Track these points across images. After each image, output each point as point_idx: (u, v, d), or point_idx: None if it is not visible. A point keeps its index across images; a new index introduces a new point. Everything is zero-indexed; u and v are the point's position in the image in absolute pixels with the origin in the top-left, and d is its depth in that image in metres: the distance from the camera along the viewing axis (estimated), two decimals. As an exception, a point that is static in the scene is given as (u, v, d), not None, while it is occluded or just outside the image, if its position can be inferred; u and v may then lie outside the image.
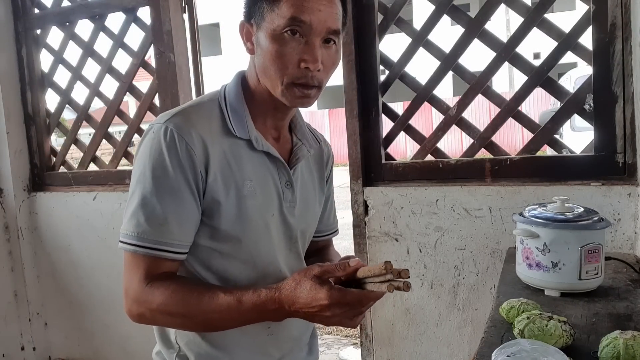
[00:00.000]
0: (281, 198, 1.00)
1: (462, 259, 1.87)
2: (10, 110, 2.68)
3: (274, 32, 0.89)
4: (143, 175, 0.88)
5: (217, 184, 0.91)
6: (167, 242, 0.88)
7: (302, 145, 1.06)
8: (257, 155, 0.97)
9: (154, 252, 0.88)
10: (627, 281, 1.30)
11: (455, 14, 1.86)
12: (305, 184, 1.07)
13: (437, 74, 1.92)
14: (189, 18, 2.35)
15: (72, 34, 2.59)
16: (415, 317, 1.96)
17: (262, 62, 0.92)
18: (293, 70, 0.90)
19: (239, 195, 0.93)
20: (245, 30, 0.95)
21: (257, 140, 0.96)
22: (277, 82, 0.91)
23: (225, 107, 0.96)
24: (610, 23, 1.62)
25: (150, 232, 0.87)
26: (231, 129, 0.94)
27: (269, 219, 0.98)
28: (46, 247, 2.75)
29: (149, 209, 0.87)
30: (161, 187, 0.87)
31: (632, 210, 1.61)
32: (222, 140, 0.93)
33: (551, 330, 0.93)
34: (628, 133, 1.63)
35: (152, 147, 0.89)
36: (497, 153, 1.87)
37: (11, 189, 2.70)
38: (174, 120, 0.90)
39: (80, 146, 2.73)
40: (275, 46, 0.89)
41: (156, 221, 0.87)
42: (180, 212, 0.88)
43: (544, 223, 1.20)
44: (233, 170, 0.93)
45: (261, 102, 0.98)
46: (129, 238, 0.88)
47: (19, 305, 2.78)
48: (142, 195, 0.88)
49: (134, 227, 0.88)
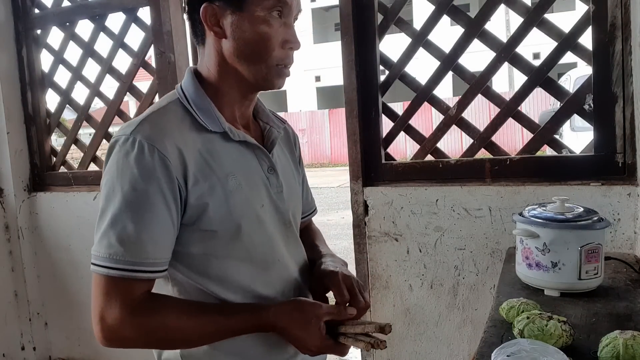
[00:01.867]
0: (267, 186, 0.97)
1: (462, 259, 1.87)
2: (11, 110, 2.68)
3: (261, 13, 0.87)
4: (112, 192, 0.83)
5: (200, 185, 0.86)
6: (142, 262, 0.82)
7: (272, 128, 1.03)
8: (234, 147, 0.93)
9: (129, 274, 0.82)
10: (627, 281, 1.30)
11: (455, 14, 1.86)
12: (284, 166, 1.04)
13: (437, 74, 1.92)
14: (189, 18, 2.35)
15: (72, 34, 2.59)
16: (415, 317, 1.97)
17: (238, 47, 0.89)
18: (279, 52, 0.90)
19: (225, 192, 0.89)
20: (209, 13, 0.89)
21: (231, 131, 0.92)
22: (260, 65, 0.90)
23: (189, 105, 0.92)
24: (610, 23, 1.62)
25: (123, 253, 0.81)
26: (203, 125, 0.90)
27: (259, 210, 0.94)
28: (46, 247, 2.76)
29: (120, 227, 0.81)
30: (132, 204, 0.82)
31: (632, 210, 1.61)
32: (195, 139, 0.89)
33: (551, 330, 0.94)
34: (628, 133, 1.63)
35: (120, 161, 0.83)
36: (497, 153, 1.88)
37: (11, 189, 2.70)
38: (141, 130, 0.84)
39: (81, 146, 2.73)
40: (263, 28, 0.87)
41: (128, 241, 0.81)
42: (154, 229, 0.83)
43: (543, 223, 1.20)
44: (213, 168, 0.89)
45: (228, 91, 0.94)
46: (101, 260, 0.83)
47: (19, 305, 2.78)
48: (112, 213, 0.82)
49: (105, 248, 0.82)
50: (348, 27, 1.98)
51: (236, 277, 0.93)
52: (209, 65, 0.94)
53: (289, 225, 1.02)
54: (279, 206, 0.98)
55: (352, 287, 0.98)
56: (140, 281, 0.84)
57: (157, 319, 0.85)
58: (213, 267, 0.92)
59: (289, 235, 1.02)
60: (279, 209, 0.99)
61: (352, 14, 1.96)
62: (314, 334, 0.88)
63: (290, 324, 0.88)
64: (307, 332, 0.88)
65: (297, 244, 1.06)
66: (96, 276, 0.84)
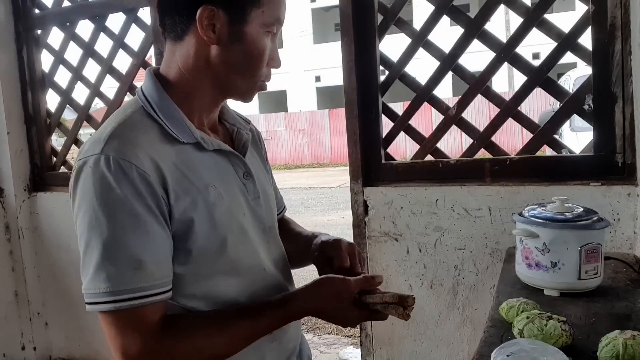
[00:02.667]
0: (245, 193, 0.92)
1: (462, 259, 1.87)
2: (11, 111, 2.68)
3: (261, 28, 0.85)
4: (95, 220, 0.75)
5: (182, 200, 0.81)
6: (149, 285, 0.76)
7: (240, 130, 0.98)
8: (207, 156, 0.87)
9: (140, 302, 0.76)
10: (627, 281, 1.30)
11: (455, 15, 1.86)
12: (257, 170, 0.99)
13: (436, 74, 1.92)
14: (189, 18, 2.35)
15: (72, 34, 2.59)
16: (415, 316, 1.97)
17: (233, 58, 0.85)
18: (265, 70, 0.89)
19: (208, 204, 0.83)
20: (206, 15, 0.82)
21: (204, 140, 0.86)
22: (248, 81, 0.88)
23: (155, 114, 0.84)
24: (609, 23, 1.62)
25: (127, 281, 0.75)
26: (174, 136, 0.83)
27: (242, 219, 0.90)
28: (47, 247, 2.76)
29: (116, 255, 0.75)
30: (123, 227, 0.75)
31: (632, 210, 1.61)
32: (168, 152, 0.82)
33: (550, 330, 0.94)
34: (627, 133, 1.63)
35: (96, 184, 0.75)
36: (496, 153, 1.88)
37: (12, 189, 2.70)
38: (111, 146, 0.77)
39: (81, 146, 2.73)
40: (260, 45, 0.85)
41: (129, 266, 0.75)
42: (153, 248, 0.77)
43: (543, 223, 1.20)
44: (191, 180, 0.83)
45: (200, 97, 0.89)
46: (102, 297, 0.75)
47: (19, 305, 2.78)
48: (102, 243, 0.75)
49: (104, 281, 0.75)
50: (348, 28, 1.98)
51: (222, 293, 0.88)
52: (182, 67, 0.87)
53: (269, 231, 0.98)
54: (257, 213, 0.94)
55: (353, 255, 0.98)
56: (154, 306, 0.78)
57: (186, 341, 0.79)
58: (199, 286, 0.86)
59: (270, 241, 0.98)
60: (258, 216, 0.94)
61: (352, 14, 1.96)
62: (350, 308, 0.87)
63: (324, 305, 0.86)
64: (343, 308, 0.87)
65: (278, 248, 1.02)
66: (104, 315, 0.77)
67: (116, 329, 0.78)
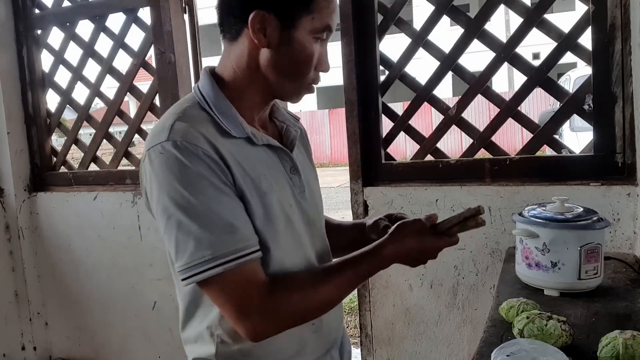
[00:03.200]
0: (292, 186, 0.96)
1: (462, 259, 1.87)
2: (11, 111, 2.68)
3: (309, 34, 0.88)
4: (181, 198, 0.80)
5: (240, 185, 0.86)
6: (246, 245, 0.82)
7: (289, 127, 1.03)
8: (258, 150, 0.92)
9: (246, 259, 0.81)
10: (627, 281, 1.30)
11: (454, 15, 1.87)
12: (304, 165, 1.03)
13: (436, 74, 1.92)
14: (189, 18, 2.36)
15: (72, 34, 2.59)
16: (415, 316, 1.97)
17: (280, 61, 0.89)
18: (312, 74, 0.92)
19: (260, 193, 0.88)
20: (258, 19, 0.86)
21: (255, 135, 0.91)
22: (295, 84, 0.92)
23: (211, 110, 0.90)
24: (609, 23, 1.62)
25: (227, 244, 0.80)
26: (227, 130, 0.89)
27: (289, 210, 0.94)
28: (47, 247, 2.76)
29: (210, 223, 0.80)
30: (209, 197, 0.81)
31: (632, 210, 1.62)
32: (225, 143, 0.87)
33: (550, 330, 0.94)
34: (627, 133, 1.63)
35: (171, 166, 0.81)
36: (496, 153, 1.88)
37: (12, 189, 2.70)
38: (176, 133, 0.83)
39: (81, 146, 2.73)
40: (308, 50, 0.89)
41: (225, 231, 0.81)
42: (238, 213, 0.84)
43: (543, 223, 1.21)
44: (246, 170, 0.88)
45: (252, 96, 0.94)
46: (208, 263, 0.79)
47: (19, 305, 2.78)
48: (194, 216, 0.80)
49: (207, 249, 0.79)
50: (348, 28, 1.98)
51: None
52: (236, 66, 0.92)
53: (313, 225, 1.01)
54: (302, 206, 0.98)
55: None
56: (256, 263, 0.84)
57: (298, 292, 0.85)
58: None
59: (314, 234, 1.01)
60: (303, 209, 0.98)
61: (352, 14, 1.97)
62: (430, 241, 0.92)
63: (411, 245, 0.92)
64: (424, 243, 0.92)
65: (323, 242, 1.05)
66: (213, 283, 0.81)
67: (229, 291, 0.82)
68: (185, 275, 0.81)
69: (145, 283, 2.50)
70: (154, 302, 2.50)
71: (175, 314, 2.45)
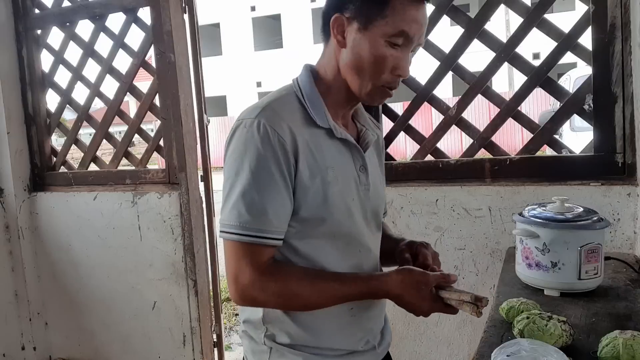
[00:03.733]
0: (357, 182, 1.03)
1: (462, 259, 1.87)
2: (11, 111, 2.68)
3: (381, 37, 0.93)
4: (241, 168, 0.93)
5: (305, 171, 0.95)
6: (267, 229, 0.93)
7: (367, 131, 1.10)
8: (335, 143, 1.00)
9: (257, 240, 0.92)
10: (627, 281, 1.30)
11: (455, 15, 1.86)
12: (373, 167, 1.11)
13: (437, 74, 1.92)
14: (189, 18, 2.36)
15: (72, 34, 2.59)
16: (415, 316, 1.96)
17: (353, 60, 0.96)
18: (387, 77, 0.97)
19: (324, 182, 0.96)
20: (338, 22, 0.97)
21: (335, 128, 1.00)
22: (367, 83, 0.97)
23: (303, 99, 1.00)
24: (609, 23, 1.62)
25: (252, 222, 0.92)
26: (313, 119, 0.98)
27: (350, 203, 1.01)
28: (47, 247, 2.76)
29: (249, 200, 0.92)
30: (259, 180, 0.92)
31: (632, 210, 1.61)
32: (304, 131, 0.97)
33: (551, 330, 0.94)
34: (627, 133, 1.63)
35: (247, 141, 0.93)
36: (496, 153, 1.88)
37: (12, 189, 2.70)
38: (264, 114, 0.94)
39: (81, 146, 2.73)
40: (379, 52, 0.94)
41: (257, 211, 0.92)
42: (276, 202, 0.93)
43: (543, 223, 1.21)
44: (316, 159, 0.97)
45: (336, 93, 1.02)
46: (232, 228, 0.93)
47: (19, 305, 2.78)
48: (242, 187, 0.92)
49: (236, 217, 0.92)
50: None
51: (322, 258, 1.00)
52: (326, 66, 1.03)
53: (370, 222, 1.08)
54: (364, 202, 1.05)
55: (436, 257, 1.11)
56: (267, 247, 0.94)
57: (281, 283, 0.94)
58: (303, 245, 0.99)
59: (372, 231, 1.09)
60: (364, 205, 1.05)
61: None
62: (425, 298, 0.98)
63: (403, 291, 0.97)
64: (419, 297, 0.98)
65: (376, 241, 1.12)
66: (229, 243, 0.94)
67: (235, 257, 0.94)
68: (220, 229, 0.95)
69: (145, 283, 2.50)
70: (154, 302, 2.50)
71: (174, 314, 2.46)
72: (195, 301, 2.40)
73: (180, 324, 2.44)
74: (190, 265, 2.38)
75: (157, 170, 2.46)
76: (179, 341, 2.46)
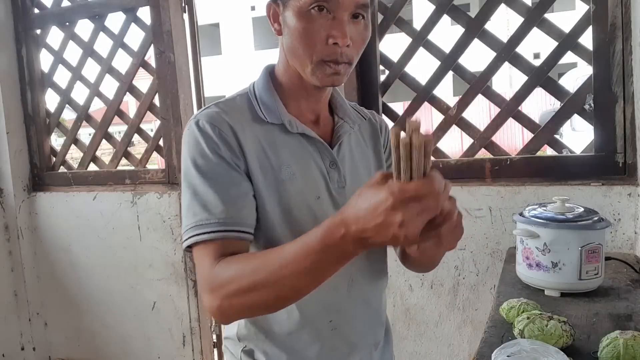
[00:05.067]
0: (327, 179, 0.96)
1: (462, 259, 1.87)
2: (10, 110, 2.68)
3: (300, 9, 0.87)
4: (188, 169, 0.89)
5: (255, 170, 0.90)
6: (227, 222, 0.84)
7: (344, 123, 1.02)
8: (293, 139, 0.94)
9: (220, 234, 0.83)
10: (627, 281, 1.30)
11: (455, 14, 1.86)
12: (356, 162, 1.02)
13: (437, 74, 1.92)
14: (189, 18, 2.35)
15: (72, 34, 2.59)
16: (415, 317, 1.96)
17: (289, 42, 0.90)
18: (322, 48, 0.87)
19: (277, 180, 0.91)
20: (272, 10, 0.93)
21: (290, 123, 0.94)
22: (306, 61, 0.89)
23: (254, 98, 0.97)
24: (610, 23, 1.62)
25: (208, 217, 0.84)
26: (262, 116, 0.94)
27: (313, 202, 0.93)
28: (46, 247, 2.75)
29: (201, 197, 0.86)
30: (206, 174, 0.87)
31: (632, 210, 1.61)
32: (254, 128, 0.93)
33: (551, 330, 0.93)
34: (628, 133, 1.63)
35: (189, 142, 0.90)
36: (497, 153, 1.87)
37: (11, 189, 2.70)
38: (203, 114, 0.92)
39: (80, 146, 2.73)
40: (302, 24, 0.87)
41: (211, 206, 0.85)
42: (232, 194, 0.86)
43: (544, 223, 1.20)
44: (268, 156, 0.91)
45: (292, 86, 0.97)
46: (191, 230, 0.85)
47: (18, 305, 2.78)
48: (191, 188, 0.87)
49: (192, 218, 0.85)
50: (348, 27, 1.97)
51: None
52: (279, 60, 0.98)
53: None
54: (337, 201, 0.96)
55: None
56: (231, 240, 0.84)
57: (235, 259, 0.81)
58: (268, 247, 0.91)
59: None
60: (337, 204, 0.96)
61: (352, 14, 1.96)
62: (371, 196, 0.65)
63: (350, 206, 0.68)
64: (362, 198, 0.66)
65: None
66: (194, 250, 0.86)
67: (197, 260, 0.86)
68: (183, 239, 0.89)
69: (145, 283, 2.49)
70: (153, 302, 2.49)
71: (174, 314, 2.46)
72: (195, 301, 2.40)
73: (180, 324, 2.44)
74: (190, 266, 2.38)
75: (157, 170, 2.46)
76: (179, 341, 2.46)
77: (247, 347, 0.98)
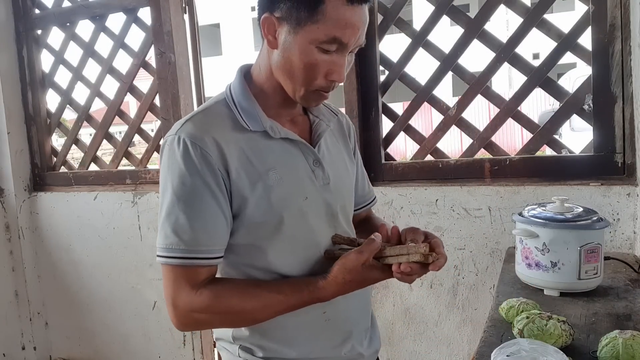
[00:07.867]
0: (312, 179, 0.98)
1: (462, 259, 1.87)
2: (11, 111, 2.68)
3: (311, 43, 0.87)
4: (165, 188, 0.90)
5: (242, 180, 0.91)
6: (197, 249, 0.88)
7: (320, 121, 1.05)
8: (277, 144, 0.96)
9: (188, 262, 0.89)
10: (626, 281, 1.30)
11: (454, 15, 1.87)
12: (334, 158, 1.05)
13: (436, 74, 1.92)
14: (189, 18, 2.36)
15: (72, 34, 2.59)
16: (414, 316, 1.97)
17: (284, 64, 0.91)
18: (320, 82, 0.91)
19: (265, 186, 0.92)
20: (268, 23, 0.90)
21: (272, 129, 0.95)
22: (299, 87, 0.92)
23: (234, 105, 0.96)
24: (609, 23, 1.62)
25: (178, 242, 0.88)
26: (244, 125, 0.94)
27: (302, 203, 0.96)
28: (47, 247, 2.76)
29: (173, 220, 0.88)
30: (182, 197, 0.88)
31: (631, 210, 1.62)
32: (238, 138, 0.93)
33: (550, 330, 0.94)
34: (627, 133, 1.63)
35: (169, 160, 0.90)
36: (496, 153, 1.88)
37: (12, 189, 2.70)
38: (185, 129, 0.90)
39: (81, 146, 2.73)
40: (310, 58, 0.88)
41: (181, 231, 0.88)
42: (204, 218, 0.88)
43: (543, 223, 1.21)
44: (254, 164, 0.92)
45: (271, 94, 0.97)
46: (161, 251, 0.90)
47: (19, 305, 2.78)
48: (166, 207, 0.89)
49: (163, 239, 0.89)
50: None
51: (279, 267, 0.96)
52: (260, 66, 0.97)
53: (337, 217, 1.03)
54: (325, 198, 1.00)
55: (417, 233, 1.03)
56: (201, 267, 0.90)
57: (222, 301, 0.90)
58: (258, 258, 0.96)
59: (336, 226, 1.03)
60: (325, 201, 1.00)
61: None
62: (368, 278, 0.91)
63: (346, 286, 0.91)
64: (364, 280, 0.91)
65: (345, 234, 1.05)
66: (162, 266, 0.91)
67: (166, 280, 0.91)
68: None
69: (145, 283, 2.50)
70: (154, 302, 2.50)
71: (175, 314, 2.45)
72: (195, 301, 2.40)
73: (180, 323, 2.44)
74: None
75: (157, 170, 2.46)
76: (179, 341, 2.46)
77: (244, 346, 1.00)
